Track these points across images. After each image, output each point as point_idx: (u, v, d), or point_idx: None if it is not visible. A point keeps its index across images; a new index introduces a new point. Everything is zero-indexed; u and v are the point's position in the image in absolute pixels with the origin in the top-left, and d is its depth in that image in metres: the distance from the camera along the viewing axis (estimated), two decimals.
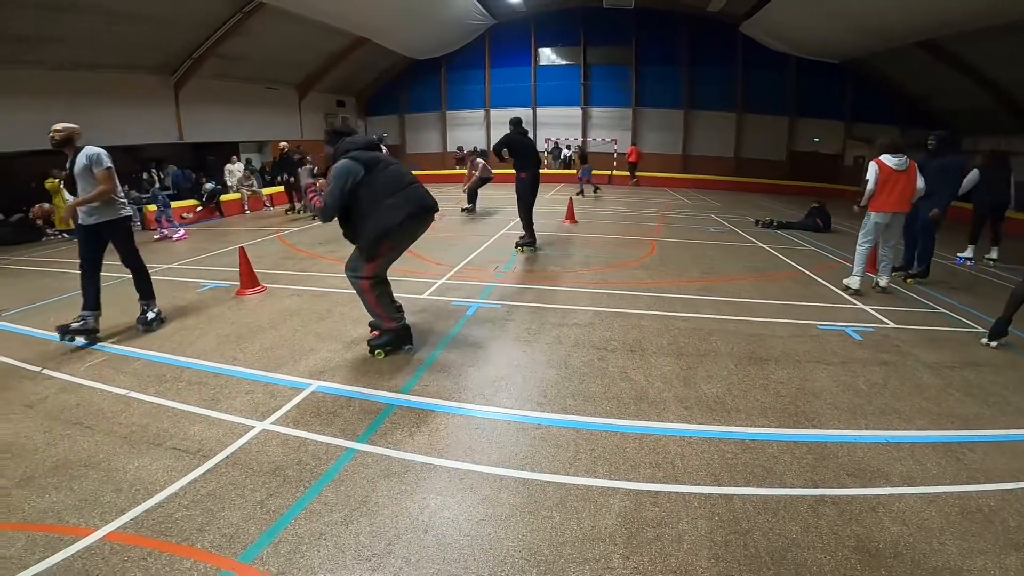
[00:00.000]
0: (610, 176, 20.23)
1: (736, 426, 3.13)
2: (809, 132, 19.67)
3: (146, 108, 13.05)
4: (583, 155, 17.00)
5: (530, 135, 8.06)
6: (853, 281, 5.83)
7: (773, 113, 19.61)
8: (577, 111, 21.25)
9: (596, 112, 21.27)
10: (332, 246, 8.44)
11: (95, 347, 4.47)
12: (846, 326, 4.82)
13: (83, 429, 3.15)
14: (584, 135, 21.40)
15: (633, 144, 20.64)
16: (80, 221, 4.56)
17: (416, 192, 3.86)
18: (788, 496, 2.50)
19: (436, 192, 4.20)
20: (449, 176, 20.76)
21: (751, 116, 19.83)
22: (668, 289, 5.84)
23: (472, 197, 12.29)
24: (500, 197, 14.91)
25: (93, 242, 4.63)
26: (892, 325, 4.90)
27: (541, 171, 8.01)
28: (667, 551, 2.16)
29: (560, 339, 4.42)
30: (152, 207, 10.65)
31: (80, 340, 4.45)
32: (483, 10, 18.54)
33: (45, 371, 4.00)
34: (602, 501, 2.45)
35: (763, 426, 3.13)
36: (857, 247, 5.84)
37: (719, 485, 2.58)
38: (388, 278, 4.15)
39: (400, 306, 4.16)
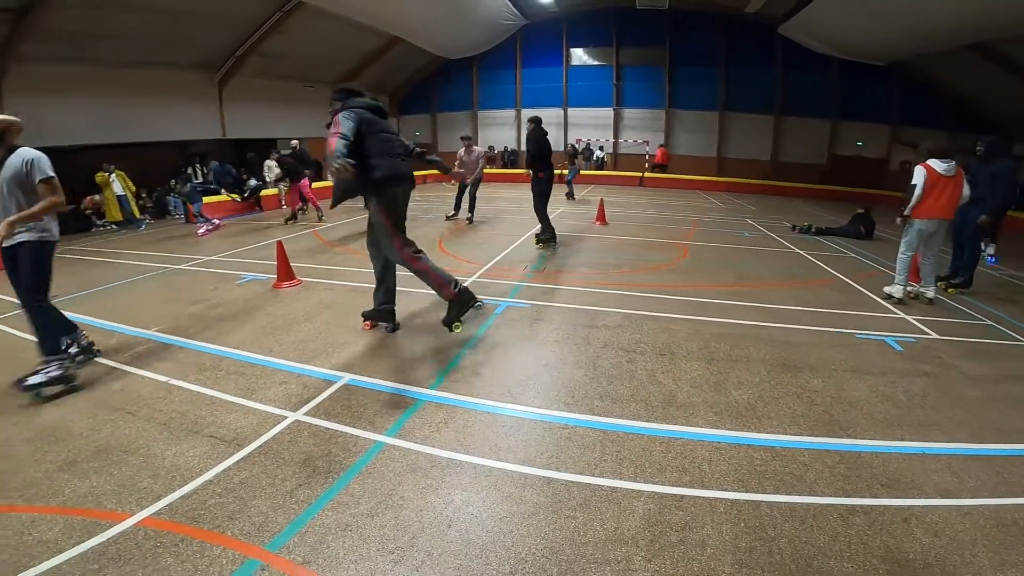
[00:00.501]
0: (641, 178, 20.00)
1: (767, 433, 3.07)
2: (852, 135, 19.05)
3: (192, 105, 13.56)
4: (574, 154, 15.88)
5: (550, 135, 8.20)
6: (895, 290, 5.63)
7: (813, 116, 19.06)
8: (609, 112, 21.09)
9: (628, 113, 21.07)
10: (365, 242, 8.59)
11: (139, 335, 4.65)
12: (886, 336, 4.66)
13: (125, 415, 3.28)
14: (615, 136, 21.23)
15: (661, 146, 20.38)
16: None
17: (395, 161, 4.17)
18: (817, 504, 2.46)
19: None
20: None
21: (790, 119, 19.32)
22: (700, 293, 5.75)
23: (465, 202, 10.35)
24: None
25: (15, 269, 3.63)
26: (935, 336, 4.73)
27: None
28: (690, 555, 2.15)
29: (589, 340, 4.40)
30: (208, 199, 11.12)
31: (81, 358, 4.02)
32: (515, 10, 18.56)
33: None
34: (626, 503, 2.45)
35: (795, 434, 3.07)
36: (899, 255, 5.65)
37: (746, 491, 2.54)
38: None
39: (446, 273, 4.41)
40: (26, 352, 4.37)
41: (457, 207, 10.50)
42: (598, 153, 21.28)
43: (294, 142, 11.64)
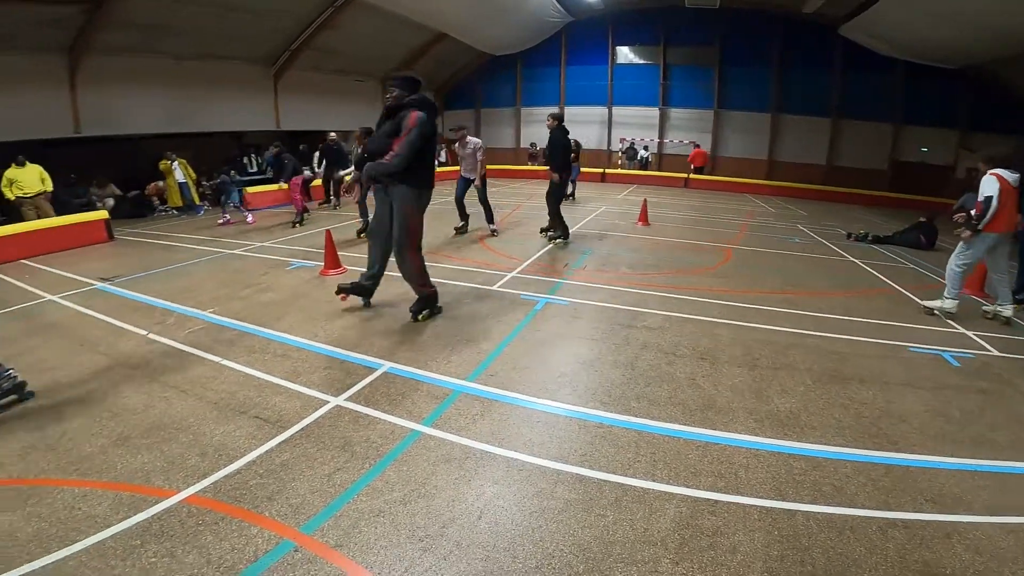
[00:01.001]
0: (686, 180, 19.56)
1: (809, 443, 2.99)
2: (916, 140, 18.01)
3: (249, 97, 14.10)
4: (576, 150, 14.46)
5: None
6: (950, 304, 5.32)
7: (875, 119, 18.10)
8: (654, 111, 20.66)
9: (675, 113, 20.58)
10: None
11: (196, 315, 4.89)
12: (943, 350, 4.43)
13: (179, 393, 3.45)
14: (661, 136, 20.81)
15: (697, 147, 19.86)
16: None
17: (434, 167, 4.57)
18: (856, 516, 2.40)
19: (508, 188, 4.31)
20: (522, 172, 20.94)
21: (848, 122, 18.40)
22: (744, 299, 5.60)
23: (485, 210, 8.49)
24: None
25: None
26: (995, 353, 4.46)
27: (615, 172, 7.88)
28: (719, 560, 2.12)
29: (628, 340, 4.37)
30: (254, 188, 11.51)
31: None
32: (560, 8, 18.42)
33: (151, 335, 4.43)
34: (658, 505, 2.43)
35: (839, 445, 2.98)
36: (953, 268, 5.30)
37: (783, 500, 2.49)
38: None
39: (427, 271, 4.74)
40: (94, 330, 4.66)
41: (463, 215, 8.68)
42: (643, 153, 20.91)
43: (332, 135, 11.46)
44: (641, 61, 20.84)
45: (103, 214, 8.90)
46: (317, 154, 12.59)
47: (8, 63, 9.18)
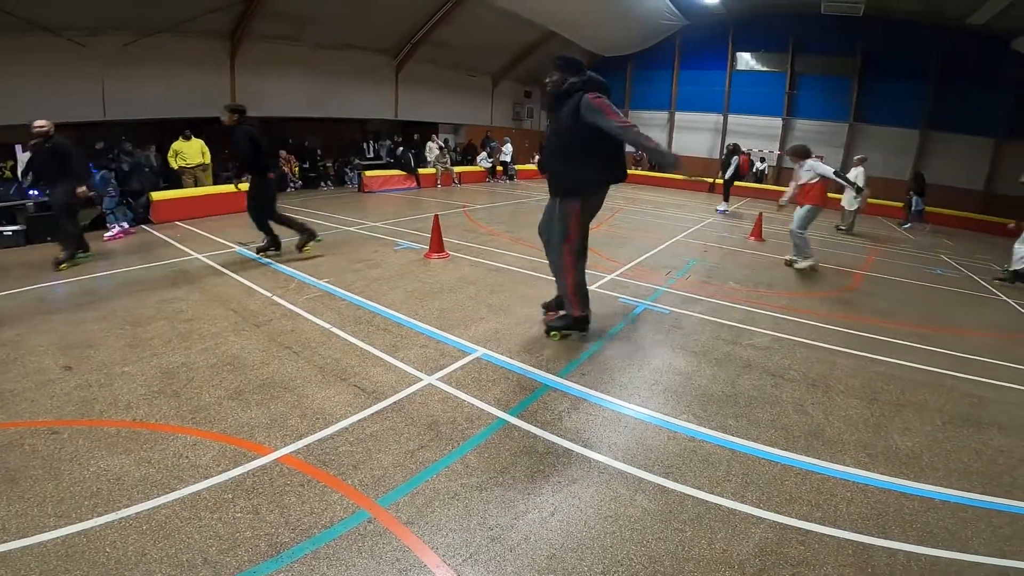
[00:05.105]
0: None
1: (927, 484, 2.67)
2: None
3: (374, 87, 14.96)
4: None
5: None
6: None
7: None
8: (777, 122, 19.21)
9: (800, 124, 18.99)
10: (509, 226, 8.92)
11: (313, 283, 5.29)
12: None
13: (291, 354, 3.73)
14: (782, 148, 19.30)
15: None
16: None
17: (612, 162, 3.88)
18: (964, 561, 2.16)
19: (609, 192, 4.11)
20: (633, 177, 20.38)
21: (1019, 145, 15.87)
22: (871, 328, 5.03)
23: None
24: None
25: None
26: None
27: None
28: None
29: (731, 357, 4.10)
30: (372, 172, 12.16)
31: None
32: (675, 10, 17.65)
33: (275, 298, 4.86)
34: (742, 527, 2.27)
35: (962, 489, 2.64)
36: None
37: (886, 538, 2.25)
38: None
39: (587, 294, 4.17)
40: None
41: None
42: (758, 165, 19.55)
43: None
44: (764, 68, 19.49)
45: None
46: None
47: (184, 46, 10.40)
